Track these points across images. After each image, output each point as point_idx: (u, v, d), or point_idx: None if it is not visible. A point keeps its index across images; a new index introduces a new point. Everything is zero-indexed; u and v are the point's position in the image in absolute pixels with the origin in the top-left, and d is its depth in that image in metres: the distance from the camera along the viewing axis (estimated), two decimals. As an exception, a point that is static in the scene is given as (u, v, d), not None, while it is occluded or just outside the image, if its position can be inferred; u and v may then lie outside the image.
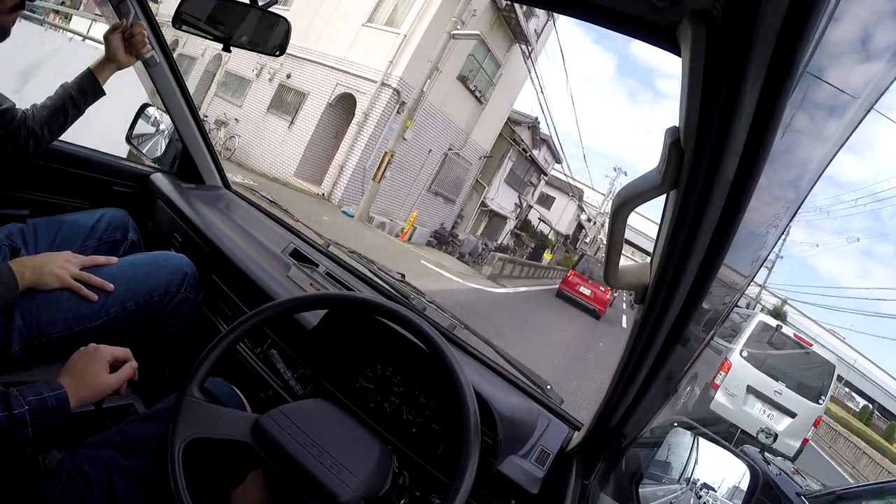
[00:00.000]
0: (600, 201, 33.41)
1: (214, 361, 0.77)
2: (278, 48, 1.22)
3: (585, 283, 13.79)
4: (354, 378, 1.00)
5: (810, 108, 0.39)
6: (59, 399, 0.70)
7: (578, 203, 29.55)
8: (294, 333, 1.08)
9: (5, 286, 0.88)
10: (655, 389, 0.68)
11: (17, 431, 0.66)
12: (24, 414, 0.66)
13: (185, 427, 0.69)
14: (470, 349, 1.15)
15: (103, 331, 1.02)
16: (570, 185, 25.68)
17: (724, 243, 0.42)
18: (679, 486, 1.05)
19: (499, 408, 0.87)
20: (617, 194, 0.50)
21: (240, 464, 0.92)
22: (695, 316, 0.53)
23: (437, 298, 1.34)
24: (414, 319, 0.80)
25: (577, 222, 32.03)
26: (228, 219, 1.44)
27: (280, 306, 0.83)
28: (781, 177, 0.46)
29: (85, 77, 1.15)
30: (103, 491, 0.71)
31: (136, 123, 1.54)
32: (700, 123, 0.35)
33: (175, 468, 0.65)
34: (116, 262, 1.06)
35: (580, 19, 0.40)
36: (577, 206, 29.76)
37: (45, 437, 0.68)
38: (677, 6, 0.32)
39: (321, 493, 0.63)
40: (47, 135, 1.15)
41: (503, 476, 0.88)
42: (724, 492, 0.93)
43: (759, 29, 0.28)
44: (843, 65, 0.38)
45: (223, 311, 1.24)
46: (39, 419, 0.67)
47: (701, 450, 0.98)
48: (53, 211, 1.30)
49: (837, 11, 0.28)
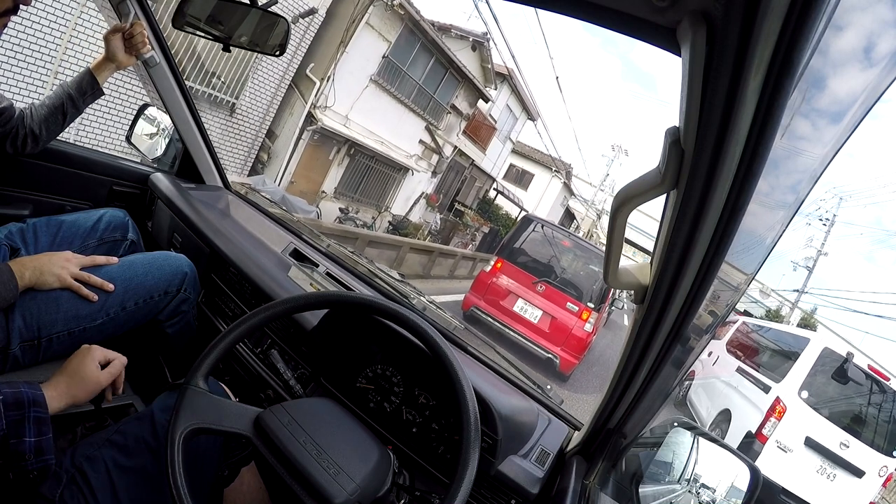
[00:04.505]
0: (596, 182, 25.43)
1: (221, 355, 0.77)
2: (278, 48, 1.22)
3: (531, 290, 5.61)
4: (354, 378, 1.00)
5: (810, 109, 0.39)
6: (35, 394, 0.70)
7: (565, 181, 21.26)
8: (294, 333, 1.08)
9: (5, 286, 0.88)
10: (655, 389, 0.68)
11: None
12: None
13: (187, 416, 0.69)
14: (470, 349, 1.15)
15: (103, 331, 1.02)
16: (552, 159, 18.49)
17: (723, 243, 0.43)
18: (679, 486, 1.05)
19: (499, 408, 0.87)
20: (617, 194, 0.50)
21: (232, 462, 0.93)
22: (695, 316, 0.53)
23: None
24: (414, 319, 0.80)
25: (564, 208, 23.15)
26: (228, 219, 1.44)
27: (284, 305, 0.83)
28: (781, 177, 0.46)
29: (84, 77, 1.15)
30: (103, 490, 0.71)
31: (136, 123, 1.54)
32: (700, 123, 0.35)
33: (174, 456, 0.65)
34: (116, 262, 1.06)
35: (580, 19, 0.40)
36: (564, 186, 21.54)
37: (18, 433, 0.67)
38: (677, 6, 0.33)
39: (317, 493, 0.63)
40: (45, 134, 1.15)
41: (503, 476, 0.88)
42: (724, 492, 0.93)
43: (759, 29, 0.28)
44: (842, 66, 0.38)
45: (223, 311, 1.24)
46: (14, 411, 0.67)
47: (701, 450, 0.98)
48: (53, 211, 1.30)
49: (836, 14, 0.28)
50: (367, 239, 6.89)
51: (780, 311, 18.27)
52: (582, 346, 5.40)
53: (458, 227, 13.10)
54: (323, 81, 7.91)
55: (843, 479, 4.57)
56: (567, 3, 0.40)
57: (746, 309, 15.49)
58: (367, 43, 8.32)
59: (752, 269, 0.61)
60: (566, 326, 5.39)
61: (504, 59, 14.33)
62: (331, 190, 9.45)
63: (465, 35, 11.29)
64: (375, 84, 8.91)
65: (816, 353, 4.95)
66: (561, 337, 5.39)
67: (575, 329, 5.38)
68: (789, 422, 4.68)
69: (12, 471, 0.68)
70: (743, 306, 14.58)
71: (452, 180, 14.03)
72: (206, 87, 6.51)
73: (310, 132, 8.24)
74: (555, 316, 5.46)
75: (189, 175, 1.58)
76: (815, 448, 4.61)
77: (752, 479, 0.87)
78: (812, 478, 4.58)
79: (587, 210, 25.03)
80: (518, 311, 5.56)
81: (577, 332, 5.38)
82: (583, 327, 5.39)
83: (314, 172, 9.04)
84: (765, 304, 18.78)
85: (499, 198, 17.00)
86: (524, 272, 5.69)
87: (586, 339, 5.40)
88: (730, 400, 5.80)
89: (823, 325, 16.21)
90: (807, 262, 17.05)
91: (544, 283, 5.59)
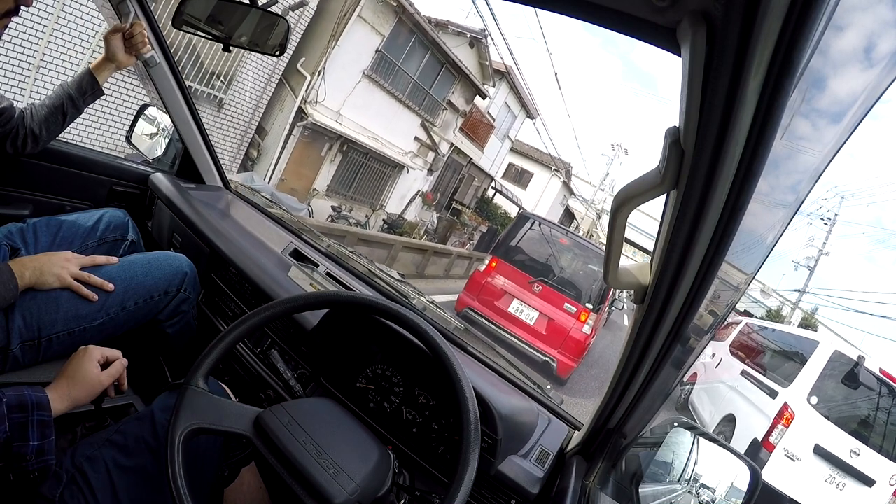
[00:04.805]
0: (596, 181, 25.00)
1: (221, 355, 0.77)
2: (278, 48, 1.22)
3: (527, 290, 5.41)
4: (354, 378, 1.00)
5: (810, 109, 0.40)
6: (38, 398, 0.70)
7: (564, 180, 21.09)
8: (294, 333, 1.08)
9: (5, 286, 0.88)
10: (655, 389, 0.68)
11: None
12: (2, 407, 0.66)
13: (187, 416, 0.69)
14: (470, 349, 1.15)
15: (103, 331, 1.02)
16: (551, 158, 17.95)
17: (723, 243, 0.43)
18: (679, 486, 1.05)
19: (499, 408, 0.87)
20: (617, 194, 0.50)
21: (233, 462, 0.93)
22: (695, 316, 0.53)
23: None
24: (414, 319, 0.81)
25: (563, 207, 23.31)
26: (228, 219, 1.44)
27: (284, 305, 0.83)
28: (781, 177, 0.46)
29: (84, 77, 1.15)
30: (103, 490, 0.71)
31: (136, 123, 1.54)
32: (700, 123, 0.35)
33: (174, 456, 0.65)
34: (116, 262, 1.06)
35: (580, 19, 0.40)
36: (563, 185, 21.34)
37: (22, 437, 0.67)
38: (677, 6, 0.33)
39: (317, 493, 0.63)
40: (45, 134, 1.15)
41: (503, 476, 0.88)
42: (724, 492, 0.93)
43: (759, 29, 0.28)
44: (842, 66, 0.38)
45: (223, 311, 1.24)
46: (17, 414, 0.67)
47: (701, 450, 0.98)
48: (53, 211, 1.30)
49: (836, 14, 0.28)
50: (357, 237, 6.64)
51: (781, 311, 18.17)
52: (580, 348, 5.14)
53: (455, 226, 12.85)
54: (314, 76, 7.65)
55: (853, 489, 4.38)
56: (567, 3, 0.40)
57: (747, 309, 15.39)
58: (360, 37, 8.07)
59: (752, 268, 0.61)
60: (563, 328, 5.15)
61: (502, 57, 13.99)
62: (323, 187, 9.22)
63: (463, 31, 10.90)
64: (368, 79, 8.63)
65: (826, 357, 4.72)
66: (558, 339, 5.14)
67: (573, 331, 5.13)
68: (797, 429, 4.47)
69: (13, 472, 0.68)
70: (743, 306, 14.47)
71: (450, 179, 13.76)
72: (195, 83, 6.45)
73: (300, 128, 7.98)
74: (552, 317, 5.21)
75: (189, 175, 1.58)
76: (825, 456, 4.39)
77: (752, 479, 0.87)
78: (820, 487, 4.38)
79: (587, 209, 24.68)
80: (513, 312, 5.32)
81: (575, 335, 5.12)
82: (581, 329, 5.13)
83: (306, 169, 8.81)
84: (765, 304, 18.65)
85: (497, 197, 16.75)
86: (520, 271, 5.44)
87: (584, 341, 5.14)
88: (734, 404, 5.60)
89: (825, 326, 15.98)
90: (808, 261, 16.96)
91: (541, 282, 5.34)
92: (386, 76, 8.98)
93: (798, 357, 5.10)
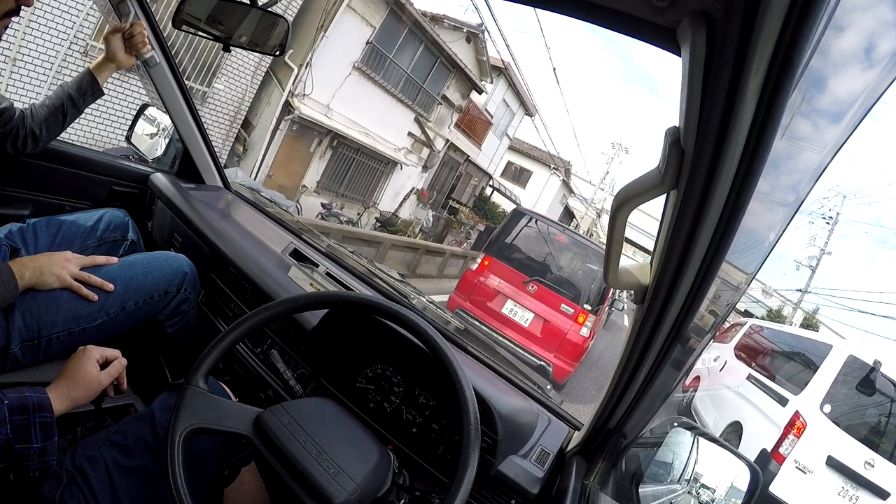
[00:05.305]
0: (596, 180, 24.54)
1: (221, 355, 0.77)
2: (278, 48, 1.22)
3: (521, 290, 5.07)
4: (354, 378, 1.00)
5: (810, 109, 0.39)
6: (40, 399, 0.70)
7: (564, 179, 20.64)
8: (294, 333, 1.08)
9: (5, 286, 0.88)
10: (655, 389, 0.68)
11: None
12: (3, 409, 0.66)
13: (186, 416, 0.69)
14: (470, 349, 1.15)
15: (103, 331, 1.02)
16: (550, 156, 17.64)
17: (724, 243, 0.43)
18: (679, 486, 1.05)
19: (499, 408, 0.87)
20: (617, 194, 0.50)
21: (233, 462, 0.93)
22: (695, 316, 0.53)
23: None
24: (414, 319, 0.81)
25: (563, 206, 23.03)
26: (228, 219, 1.44)
27: (284, 305, 0.83)
28: (782, 176, 0.46)
29: (84, 77, 1.15)
30: (103, 490, 0.71)
31: (136, 123, 1.54)
32: (700, 123, 0.35)
33: (174, 456, 0.65)
34: (116, 262, 1.06)
35: (580, 19, 0.40)
36: (563, 184, 20.99)
37: (24, 439, 0.67)
38: (677, 6, 0.33)
39: (317, 493, 0.63)
40: (46, 134, 1.15)
41: (503, 476, 0.88)
42: (724, 492, 0.93)
43: (759, 29, 0.28)
44: (842, 66, 0.38)
45: (223, 311, 1.24)
46: (19, 416, 0.67)
47: (701, 450, 0.98)
48: (53, 211, 1.30)
49: (836, 14, 0.28)
50: (342, 234, 6.31)
51: (782, 310, 18.11)
52: (578, 352, 4.81)
53: (452, 224, 12.49)
54: (301, 68, 7.29)
55: (866, 502, 4.11)
56: (567, 3, 0.40)
57: (747, 309, 15.32)
58: (350, 28, 7.71)
59: (752, 268, 0.61)
60: (560, 331, 4.81)
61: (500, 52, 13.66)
62: (312, 184, 8.88)
63: (459, 26, 10.48)
64: (359, 72, 8.26)
65: (841, 362, 4.37)
66: (554, 342, 4.79)
67: (570, 333, 4.79)
68: (810, 439, 4.15)
69: (14, 472, 0.68)
70: (744, 306, 14.39)
71: (447, 176, 13.51)
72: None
73: (288, 122, 7.64)
74: (548, 319, 4.86)
75: (189, 175, 1.58)
76: (838, 468, 4.09)
77: (753, 480, 0.87)
78: (832, 500, 4.11)
79: (587, 209, 24.30)
80: (507, 313, 4.96)
81: (573, 337, 4.78)
82: (578, 331, 4.79)
83: (294, 165, 8.47)
84: (766, 303, 18.58)
85: (496, 195, 16.56)
86: (514, 270, 5.07)
87: (582, 344, 4.80)
88: (740, 411, 5.29)
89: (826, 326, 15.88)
90: (810, 261, 16.88)
91: (536, 282, 4.97)
92: (377, 69, 8.65)
93: (809, 362, 4.80)
